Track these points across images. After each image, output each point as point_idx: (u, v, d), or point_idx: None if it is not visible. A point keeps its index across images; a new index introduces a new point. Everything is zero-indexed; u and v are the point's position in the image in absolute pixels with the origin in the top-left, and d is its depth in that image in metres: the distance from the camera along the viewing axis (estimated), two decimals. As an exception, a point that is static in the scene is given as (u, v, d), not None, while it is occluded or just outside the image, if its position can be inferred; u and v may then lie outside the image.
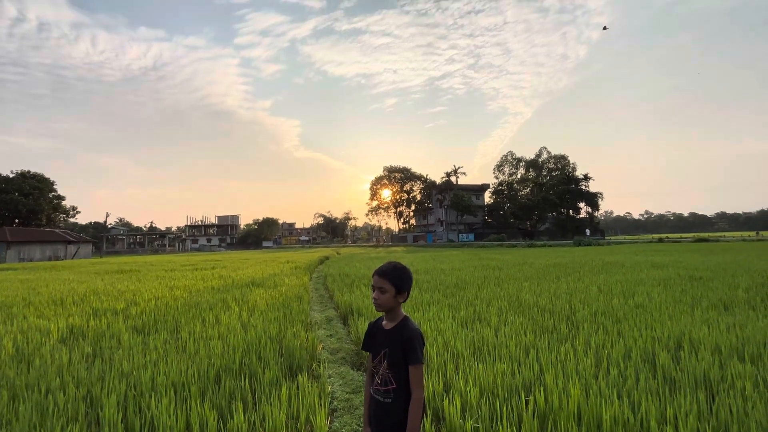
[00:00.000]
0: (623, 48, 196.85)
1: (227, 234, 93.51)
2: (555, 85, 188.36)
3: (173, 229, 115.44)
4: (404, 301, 1.92)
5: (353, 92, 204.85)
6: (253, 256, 29.31)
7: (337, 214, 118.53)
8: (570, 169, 73.94)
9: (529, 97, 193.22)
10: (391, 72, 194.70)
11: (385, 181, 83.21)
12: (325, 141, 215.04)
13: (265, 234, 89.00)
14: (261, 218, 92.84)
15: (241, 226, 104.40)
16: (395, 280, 1.87)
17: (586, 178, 64.96)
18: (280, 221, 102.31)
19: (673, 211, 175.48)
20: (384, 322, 1.93)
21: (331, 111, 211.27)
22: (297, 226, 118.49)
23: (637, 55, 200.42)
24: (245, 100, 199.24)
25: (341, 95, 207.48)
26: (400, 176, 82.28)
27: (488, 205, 70.87)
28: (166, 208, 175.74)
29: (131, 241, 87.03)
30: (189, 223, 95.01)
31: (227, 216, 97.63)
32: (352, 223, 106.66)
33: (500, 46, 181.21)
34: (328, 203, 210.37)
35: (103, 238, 70.50)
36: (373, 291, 1.90)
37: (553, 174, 76.50)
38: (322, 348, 4.68)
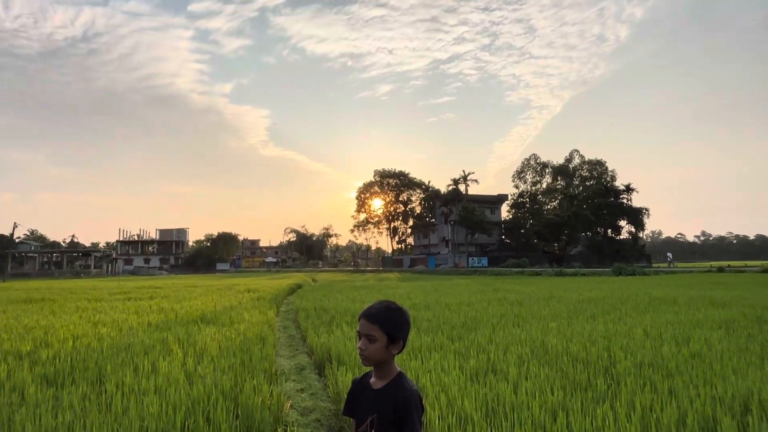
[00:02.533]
0: (675, 28, 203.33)
1: (171, 253, 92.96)
2: (590, 73, 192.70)
3: (101, 245, 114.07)
4: (399, 353, 1.90)
5: (338, 76, 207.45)
6: (204, 283, 29.05)
7: (314, 229, 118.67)
8: (608, 178, 75.39)
9: (557, 88, 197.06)
10: (385, 52, 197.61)
11: (377, 188, 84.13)
12: (301, 136, 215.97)
13: (221, 254, 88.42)
14: (216, 233, 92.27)
15: (190, 244, 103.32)
16: (388, 325, 1.86)
17: (629, 189, 66.17)
18: (241, 237, 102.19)
19: (736, 233, 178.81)
20: (372, 380, 1.91)
21: (309, 99, 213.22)
22: (262, 244, 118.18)
23: (693, 38, 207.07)
24: (200, 82, 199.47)
25: (323, 80, 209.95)
26: (395, 183, 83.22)
27: (506, 222, 71.67)
28: (92, 219, 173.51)
29: (45, 260, 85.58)
30: (122, 239, 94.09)
31: (172, 230, 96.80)
32: (333, 241, 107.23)
33: (522, 23, 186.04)
34: (302, 215, 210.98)
35: (8, 256, 69.12)
36: (359, 339, 1.88)
37: (588, 184, 77.74)
38: (291, 407, 4.63)
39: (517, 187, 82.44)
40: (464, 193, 69.72)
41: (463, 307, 11.64)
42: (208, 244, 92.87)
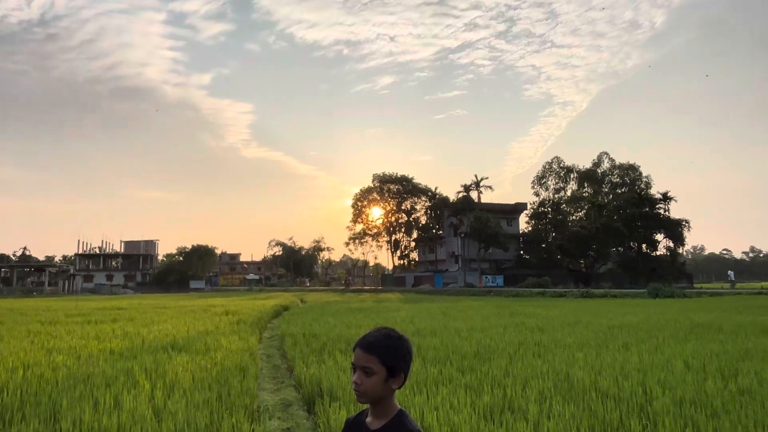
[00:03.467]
0: (719, 12, 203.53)
1: (138, 269, 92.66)
2: (621, 65, 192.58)
3: (57, 259, 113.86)
4: (400, 388, 1.91)
5: (332, 67, 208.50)
6: (176, 303, 29.00)
7: (304, 242, 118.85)
8: (642, 185, 75.55)
9: (583, 81, 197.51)
10: (386, 39, 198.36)
11: (376, 195, 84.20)
12: (288, 135, 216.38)
13: (196, 270, 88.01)
14: (189, 246, 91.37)
15: (160, 258, 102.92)
16: (387, 356, 1.87)
17: (666, 198, 66.12)
18: (218, 251, 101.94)
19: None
20: (369, 419, 1.91)
21: (298, 92, 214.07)
22: (243, 258, 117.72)
23: (741, 24, 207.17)
24: (173, 72, 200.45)
25: (314, 70, 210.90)
26: (396, 189, 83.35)
27: (524, 235, 71.70)
28: (46, 228, 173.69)
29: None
30: (81, 252, 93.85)
31: (139, 242, 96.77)
32: (325, 255, 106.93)
33: (543, 8, 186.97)
34: (290, 226, 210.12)
35: (-51, 271, 68.95)
36: (354, 372, 1.89)
37: (619, 191, 77.94)
38: (275, 450, 4.61)
39: (537, 194, 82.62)
40: (476, 201, 69.47)
41: (475, 333, 11.63)
42: (181, 258, 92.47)
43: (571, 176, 79.79)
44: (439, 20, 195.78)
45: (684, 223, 64.09)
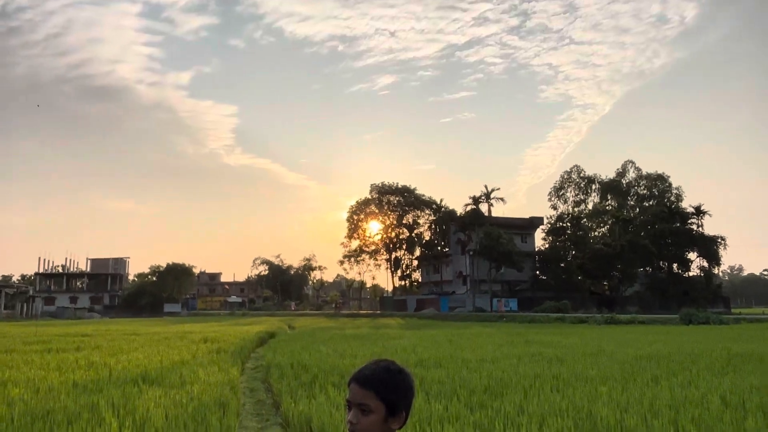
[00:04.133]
0: (757, 6, 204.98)
1: (106, 290, 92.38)
2: (648, 64, 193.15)
3: (14, 279, 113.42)
4: (401, 427, 1.89)
5: (325, 64, 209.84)
6: (148, 330, 28.94)
7: (293, 260, 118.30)
8: (672, 198, 75.97)
9: (606, 82, 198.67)
10: (386, 35, 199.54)
11: (374, 208, 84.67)
12: (277, 141, 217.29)
13: (171, 292, 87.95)
14: (164, 265, 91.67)
15: (131, 278, 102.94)
16: (387, 392, 1.85)
17: (700, 212, 66.41)
18: (197, 270, 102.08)
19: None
20: (366, 463, 1.89)
21: (288, 93, 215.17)
22: (224, 279, 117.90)
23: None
24: (148, 70, 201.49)
25: (305, 69, 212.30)
26: (397, 201, 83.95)
27: (541, 253, 72.06)
28: (3, 244, 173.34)
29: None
30: (42, 270, 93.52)
31: (107, 260, 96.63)
32: (316, 275, 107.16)
33: (561, 0, 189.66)
34: (278, 242, 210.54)
35: None
36: (349, 409, 1.87)
37: (646, 204, 78.68)
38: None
39: (555, 207, 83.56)
40: (487, 215, 70.00)
41: (485, 364, 11.61)
42: (154, 278, 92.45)
43: (593, 187, 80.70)
44: (445, 14, 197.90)
45: (719, 240, 64.60)
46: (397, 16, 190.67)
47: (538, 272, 71.44)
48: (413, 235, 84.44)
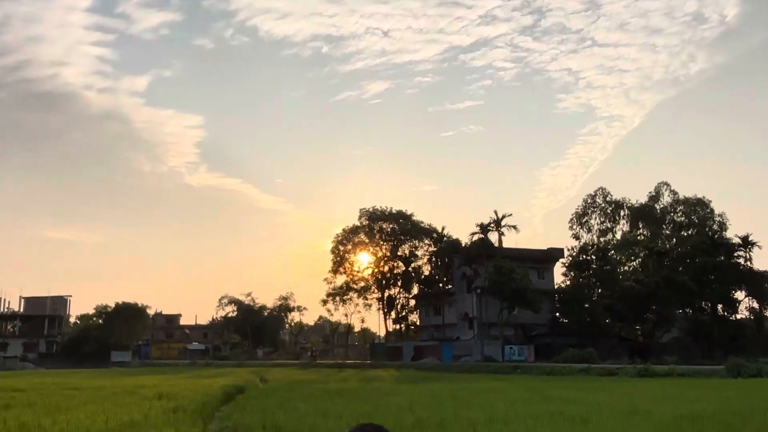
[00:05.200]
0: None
1: (42, 335, 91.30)
2: (683, 70, 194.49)
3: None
4: None
5: (307, 69, 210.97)
6: (92, 383, 28.71)
7: (267, 299, 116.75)
8: (715, 226, 76.41)
9: (635, 90, 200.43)
10: (378, 35, 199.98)
11: (363, 237, 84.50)
12: (249, 157, 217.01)
13: (120, 337, 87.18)
14: (112, 304, 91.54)
15: (72, 320, 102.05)
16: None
17: (748, 243, 66.68)
18: (152, 311, 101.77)
19: None
20: None
21: (263, 102, 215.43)
22: (184, 321, 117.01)
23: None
24: (99, 74, 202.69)
25: (284, 74, 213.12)
26: (391, 229, 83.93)
27: (561, 291, 72.09)
28: None
29: None
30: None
31: (44, 299, 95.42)
32: (295, 318, 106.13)
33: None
34: (249, 278, 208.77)
35: None
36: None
37: (684, 234, 79.00)
38: None
39: (577, 237, 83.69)
40: (497, 245, 69.90)
41: (496, 426, 11.58)
42: (100, 321, 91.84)
43: (621, 214, 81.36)
44: (447, 11, 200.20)
45: (773, 275, 64.66)
46: (391, 13, 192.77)
47: (557, 314, 71.18)
48: (410, 269, 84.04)
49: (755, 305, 64.92)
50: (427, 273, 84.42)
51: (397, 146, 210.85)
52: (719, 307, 65.29)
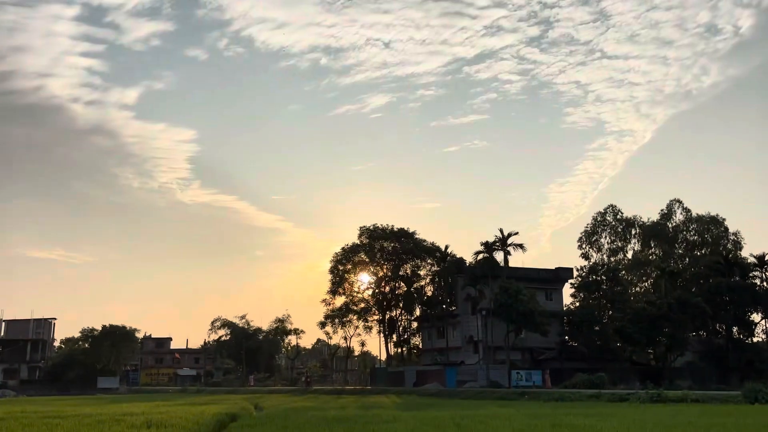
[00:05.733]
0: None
1: (24, 360, 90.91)
2: (696, 83, 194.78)
3: None
4: None
5: (305, 81, 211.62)
6: (77, 411, 28.19)
7: (262, 322, 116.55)
8: (729, 245, 76.34)
9: (646, 104, 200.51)
10: (379, 46, 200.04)
11: (363, 256, 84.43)
12: (244, 173, 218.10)
13: (107, 361, 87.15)
14: (99, 327, 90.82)
15: (57, 344, 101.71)
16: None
17: (764, 263, 66.71)
18: (140, 334, 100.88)
19: None
20: None
21: (258, 115, 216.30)
22: (175, 345, 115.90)
23: None
24: (87, 87, 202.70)
25: (281, 86, 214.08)
26: (393, 248, 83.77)
27: (570, 313, 72.25)
28: None
29: None
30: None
31: (27, 321, 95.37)
32: (291, 341, 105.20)
33: (589, 6, 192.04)
34: (243, 300, 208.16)
35: None
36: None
37: (698, 253, 79.43)
38: None
39: (586, 257, 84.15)
40: (503, 265, 69.63)
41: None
42: (86, 345, 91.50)
43: (633, 232, 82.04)
44: (451, 21, 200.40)
45: (790, 297, 64.44)
46: (392, 23, 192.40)
47: (566, 337, 71.23)
48: (412, 290, 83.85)
49: (773, 327, 65.14)
50: (429, 294, 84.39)
51: (398, 162, 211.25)
52: (735, 329, 65.31)
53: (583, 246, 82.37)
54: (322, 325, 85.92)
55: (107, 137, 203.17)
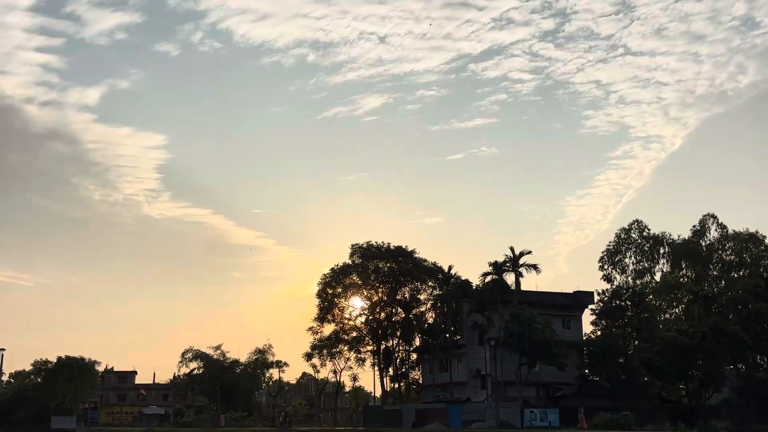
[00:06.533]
0: None
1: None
2: (731, 83, 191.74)
3: None
4: None
5: (290, 79, 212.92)
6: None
7: (240, 353, 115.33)
8: (770, 266, 76.14)
9: (676, 106, 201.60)
10: (374, 40, 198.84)
11: (355, 277, 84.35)
12: (220, 184, 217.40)
13: (63, 398, 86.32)
14: (54, 359, 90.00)
15: (5, 378, 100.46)
16: None
17: (812, 285, 66.46)
18: (101, 367, 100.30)
19: None
20: None
21: (237, 119, 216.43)
22: (141, 380, 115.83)
23: None
24: (42, 85, 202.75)
25: (262, 85, 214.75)
26: (389, 268, 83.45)
27: (590, 343, 71.85)
28: None
29: None
30: None
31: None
32: (273, 374, 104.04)
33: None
34: (219, 328, 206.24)
35: None
36: None
37: (735, 276, 79.20)
38: None
39: (609, 279, 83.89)
40: (514, 288, 70.05)
41: None
42: (39, 379, 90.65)
43: (661, 251, 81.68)
44: (455, 13, 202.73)
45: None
46: (389, 15, 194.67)
47: (586, 371, 70.49)
48: (411, 316, 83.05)
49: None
50: (431, 321, 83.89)
51: (395, 171, 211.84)
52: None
53: (605, 267, 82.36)
54: (309, 356, 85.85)
55: (65, 143, 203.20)
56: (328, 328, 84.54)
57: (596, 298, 74.90)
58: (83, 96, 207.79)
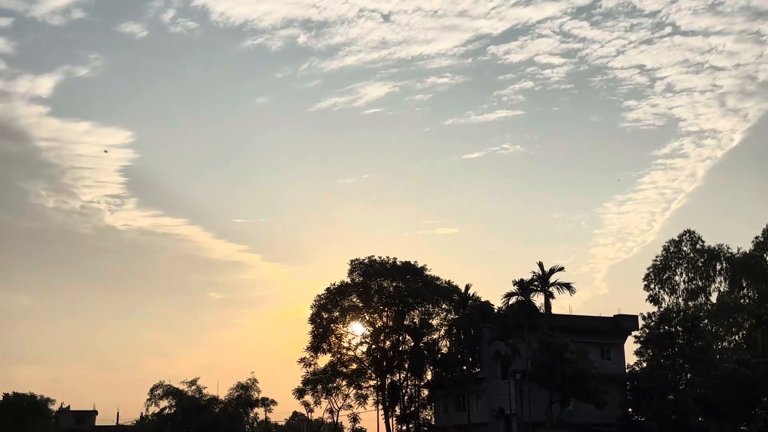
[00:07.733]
0: None
1: None
2: None
3: None
4: None
5: (278, 65, 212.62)
6: None
7: (219, 389, 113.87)
8: None
9: (733, 95, 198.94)
10: (376, 19, 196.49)
11: (355, 299, 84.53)
12: (196, 188, 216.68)
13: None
14: (1, 396, 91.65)
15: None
16: None
17: None
18: (55, 405, 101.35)
19: None
20: None
21: (215, 112, 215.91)
22: (102, 421, 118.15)
23: None
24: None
25: (245, 73, 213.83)
26: (395, 288, 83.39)
27: (635, 376, 72.63)
28: None
29: None
30: None
31: None
32: (258, 414, 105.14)
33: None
34: (194, 359, 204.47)
35: None
36: None
37: (805, 295, 79.54)
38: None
39: (656, 300, 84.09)
40: (544, 310, 70.21)
41: None
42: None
43: (718, 267, 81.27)
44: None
45: None
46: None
47: (630, 409, 70.93)
48: (421, 345, 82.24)
49: None
50: (445, 350, 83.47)
51: (402, 173, 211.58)
52: None
53: (652, 286, 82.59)
54: (300, 393, 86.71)
55: (13, 140, 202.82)
56: (323, 360, 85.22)
57: (641, 323, 75.62)
58: (34, 85, 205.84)
